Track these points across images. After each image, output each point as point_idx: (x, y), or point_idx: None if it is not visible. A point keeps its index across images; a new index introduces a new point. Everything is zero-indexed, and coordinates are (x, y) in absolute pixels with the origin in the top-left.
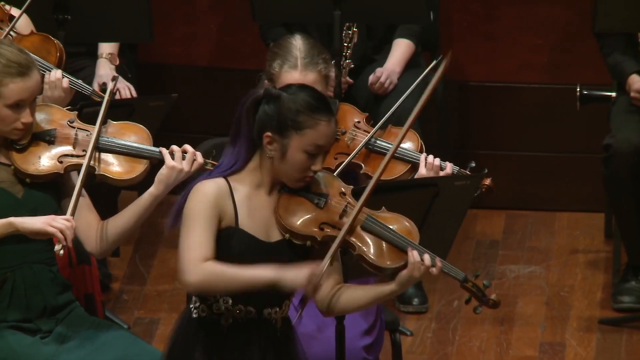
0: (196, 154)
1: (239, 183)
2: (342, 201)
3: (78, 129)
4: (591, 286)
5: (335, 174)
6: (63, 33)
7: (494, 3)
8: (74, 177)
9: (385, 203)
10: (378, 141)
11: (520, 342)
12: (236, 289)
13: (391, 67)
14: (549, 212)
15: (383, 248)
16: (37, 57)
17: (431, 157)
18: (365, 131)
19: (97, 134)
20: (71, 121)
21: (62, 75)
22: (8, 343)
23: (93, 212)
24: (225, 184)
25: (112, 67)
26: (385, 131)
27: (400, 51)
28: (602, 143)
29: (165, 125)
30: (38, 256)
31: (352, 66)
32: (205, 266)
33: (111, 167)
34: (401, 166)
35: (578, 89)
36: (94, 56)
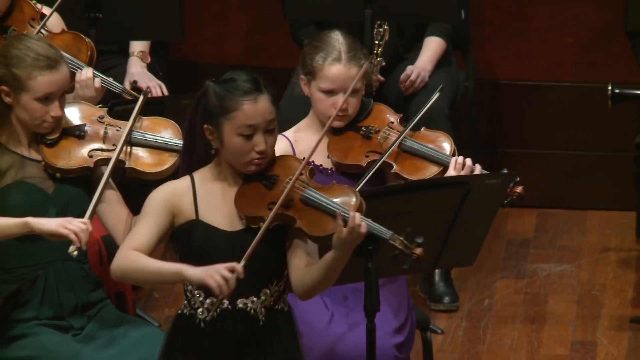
0: None
1: (204, 178)
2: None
3: (108, 125)
4: (622, 285)
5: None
6: (95, 31)
7: (526, 2)
8: (104, 171)
9: (416, 201)
10: (409, 141)
11: (551, 341)
12: (147, 280)
13: (422, 65)
14: (580, 211)
15: (319, 218)
16: (68, 55)
17: (461, 158)
18: (398, 131)
19: (130, 129)
20: (101, 117)
21: (93, 74)
22: (40, 340)
23: (123, 207)
24: (188, 182)
25: (144, 66)
26: (418, 133)
27: (431, 49)
28: (634, 142)
29: None
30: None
31: (384, 64)
32: (128, 253)
33: (141, 160)
34: (433, 167)
35: (609, 88)
36: (126, 54)
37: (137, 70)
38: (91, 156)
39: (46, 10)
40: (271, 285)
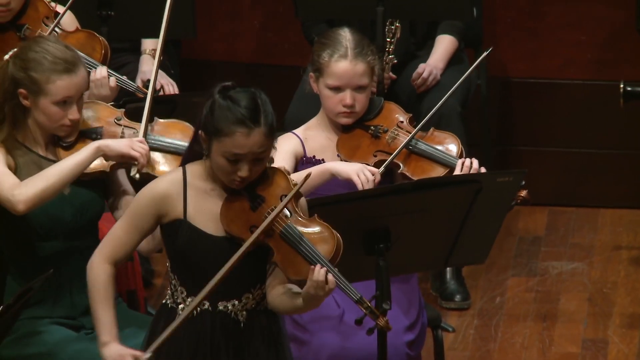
0: None
1: (197, 177)
2: (276, 204)
3: (125, 127)
4: (634, 283)
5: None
6: (107, 29)
7: (539, 0)
8: (121, 175)
9: (427, 200)
10: (419, 143)
11: (562, 339)
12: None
13: (434, 63)
14: (592, 209)
15: (295, 259)
16: (82, 54)
17: (468, 160)
18: (407, 132)
19: (144, 132)
20: (118, 119)
21: (108, 72)
22: (52, 337)
23: None
24: (180, 179)
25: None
26: (427, 134)
27: (443, 47)
28: None
29: None
30: (84, 252)
31: (395, 62)
32: (99, 269)
33: (156, 166)
34: (440, 169)
35: (622, 86)
36: (138, 52)
37: (149, 68)
38: (107, 160)
39: (60, 8)
40: (254, 289)
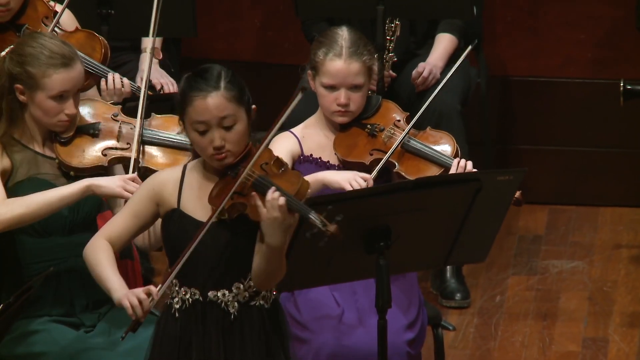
0: None
1: (194, 167)
2: (257, 172)
3: (122, 123)
4: (634, 281)
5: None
6: (106, 28)
7: None
8: (118, 171)
9: (427, 199)
10: (412, 141)
11: (562, 338)
12: (94, 277)
13: (434, 62)
14: (592, 207)
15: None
16: (82, 54)
17: (463, 161)
18: (403, 131)
19: (140, 127)
20: (115, 115)
21: (121, 80)
22: (52, 336)
23: None
24: (179, 172)
25: (156, 62)
26: (423, 133)
27: (443, 46)
28: None
29: None
30: (83, 249)
31: (395, 60)
32: (96, 242)
33: (155, 160)
34: (435, 169)
35: (621, 84)
36: (137, 51)
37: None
38: (105, 155)
39: (60, 8)
40: (244, 279)
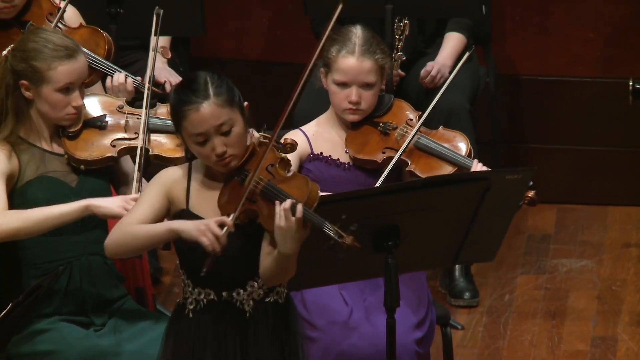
0: None
1: (199, 170)
2: (266, 177)
3: (128, 114)
4: None
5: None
6: (115, 26)
7: None
8: (127, 163)
9: (435, 198)
10: (425, 139)
11: (571, 337)
12: (140, 246)
13: (442, 61)
14: (601, 206)
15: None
16: (86, 50)
17: (480, 165)
18: None
19: (146, 119)
20: (120, 107)
21: (125, 77)
22: (62, 335)
23: None
24: (185, 170)
25: (164, 61)
26: (436, 132)
27: (451, 45)
28: None
29: None
30: (95, 247)
31: (404, 59)
32: (119, 227)
33: (164, 147)
34: (448, 167)
35: (630, 83)
36: (146, 50)
37: (158, 65)
38: (114, 145)
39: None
40: (258, 278)
